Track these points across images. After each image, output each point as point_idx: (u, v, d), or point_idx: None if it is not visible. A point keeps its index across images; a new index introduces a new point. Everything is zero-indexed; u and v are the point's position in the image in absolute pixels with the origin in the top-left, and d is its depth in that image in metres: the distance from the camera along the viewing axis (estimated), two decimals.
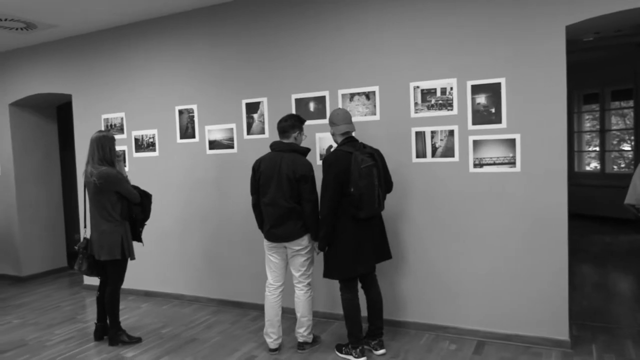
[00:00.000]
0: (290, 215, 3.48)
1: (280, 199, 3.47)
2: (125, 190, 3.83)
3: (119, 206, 3.83)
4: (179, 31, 4.94)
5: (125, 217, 3.88)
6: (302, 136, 3.66)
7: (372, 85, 4.03)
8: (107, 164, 3.81)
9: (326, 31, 4.20)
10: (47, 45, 5.85)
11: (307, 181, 3.45)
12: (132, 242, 3.95)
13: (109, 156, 3.83)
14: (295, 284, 3.63)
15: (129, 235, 3.92)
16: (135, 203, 3.92)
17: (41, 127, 6.64)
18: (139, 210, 3.96)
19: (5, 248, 6.53)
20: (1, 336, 4.35)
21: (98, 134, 3.86)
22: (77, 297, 5.54)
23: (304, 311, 3.62)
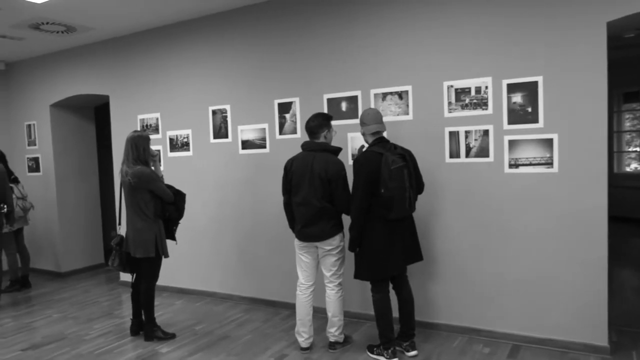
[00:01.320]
0: (322, 215, 3.48)
1: (312, 199, 3.48)
2: (159, 189, 3.88)
3: (152, 205, 3.88)
4: (212, 32, 5.01)
5: (158, 215, 3.93)
6: (332, 133, 3.66)
7: (404, 84, 4.00)
8: (142, 163, 3.87)
9: (359, 31, 4.19)
10: (86, 47, 6.02)
11: (338, 180, 3.45)
12: (165, 240, 4.00)
13: (143, 156, 3.89)
14: (327, 283, 3.64)
15: (163, 234, 3.97)
16: (168, 202, 3.96)
17: (80, 127, 6.85)
18: (173, 209, 3.99)
19: (46, 245, 6.77)
20: (43, 329, 4.51)
21: (133, 133, 3.94)
22: (114, 293, 5.69)
23: (335, 311, 3.63)
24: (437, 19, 3.84)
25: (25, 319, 4.85)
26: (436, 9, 3.84)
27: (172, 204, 3.98)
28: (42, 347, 4.06)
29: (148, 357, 3.77)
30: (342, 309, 3.66)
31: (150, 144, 3.98)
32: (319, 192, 3.46)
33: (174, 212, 4.00)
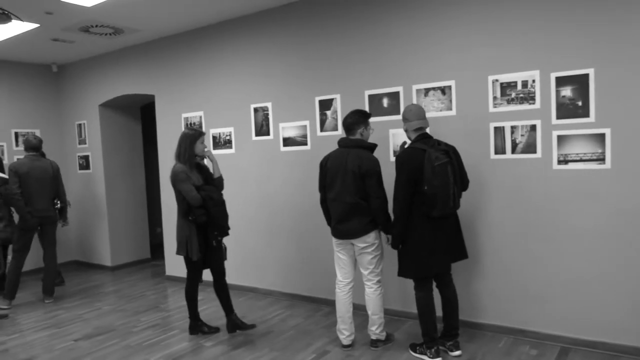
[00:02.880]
0: (356, 212, 3.46)
1: (345, 195, 3.47)
2: (183, 190, 3.79)
3: (183, 205, 3.85)
4: (254, 30, 5.07)
5: (183, 216, 3.86)
6: (369, 130, 3.62)
7: (448, 79, 3.93)
8: (180, 161, 3.86)
9: (401, 26, 4.13)
10: (132, 48, 6.20)
11: (372, 176, 3.42)
12: (196, 243, 3.84)
13: (184, 154, 3.86)
14: (365, 281, 3.62)
15: (194, 236, 3.83)
16: (194, 205, 3.78)
17: (127, 126, 7.07)
18: (200, 213, 3.79)
19: (95, 239, 7.03)
20: (94, 321, 4.69)
21: (182, 131, 3.98)
22: (159, 287, 5.85)
23: (375, 309, 3.60)
24: (481, 11, 3.75)
25: (77, 310, 5.07)
26: (480, 1, 3.75)
27: (201, 208, 3.80)
28: (93, 338, 4.22)
29: (192, 350, 3.86)
30: (382, 306, 3.64)
31: (196, 143, 3.89)
32: (352, 189, 3.45)
33: (201, 217, 3.79)
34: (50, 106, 7.18)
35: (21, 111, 6.83)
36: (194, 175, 3.85)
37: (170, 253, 6.15)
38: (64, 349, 4.01)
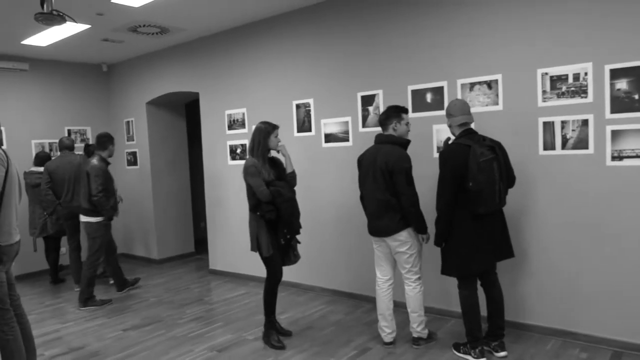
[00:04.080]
0: (387, 209, 3.42)
1: (376, 192, 3.45)
2: (253, 185, 3.66)
3: (252, 200, 3.71)
4: (296, 27, 5.09)
5: (252, 210, 3.74)
6: (404, 125, 3.54)
7: (494, 73, 3.82)
8: (253, 155, 3.72)
9: (447, 20, 4.05)
10: (177, 47, 6.35)
11: (400, 173, 3.36)
12: (266, 239, 3.70)
13: (257, 148, 3.71)
14: (404, 279, 3.58)
15: (263, 231, 3.70)
16: (263, 200, 3.64)
17: (172, 123, 7.26)
18: (268, 209, 3.65)
19: (142, 233, 7.27)
20: (142, 311, 4.85)
21: (256, 124, 3.83)
22: (203, 281, 5.99)
23: (415, 307, 3.56)
24: (528, 3, 3.62)
25: (126, 301, 5.25)
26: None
27: (270, 204, 3.65)
28: (141, 328, 4.36)
29: (235, 343, 3.93)
30: (422, 304, 3.58)
31: (270, 137, 3.72)
32: (381, 185, 3.41)
33: (268, 213, 3.65)
34: (101, 104, 7.45)
35: (74, 109, 7.12)
36: (265, 169, 3.69)
37: (213, 247, 6.28)
38: (114, 338, 4.16)
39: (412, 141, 3.60)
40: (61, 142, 5.82)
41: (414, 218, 3.40)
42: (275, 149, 3.78)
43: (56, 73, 6.91)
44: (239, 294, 5.31)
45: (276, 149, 3.78)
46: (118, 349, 3.90)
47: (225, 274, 6.11)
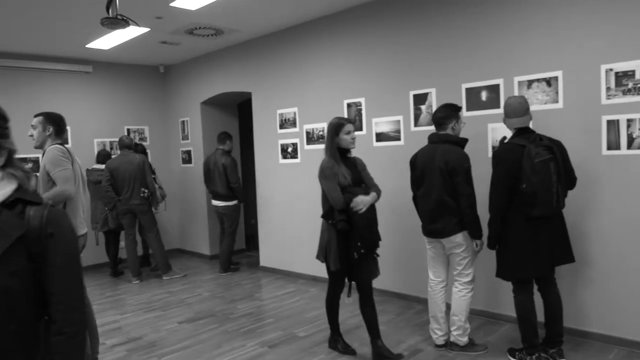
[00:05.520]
0: (444, 210, 3.35)
1: (432, 193, 3.38)
2: (326, 189, 3.28)
3: (325, 205, 3.34)
4: (347, 27, 5.09)
5: (324, 217, 3.37)
6: (460, 125, 3.48)
7: (554, 70, 3.68)
8: (328, 155, 3.37)
9: (503, 16, 3.94)
10: (231, 48, 6.49)
11: (460, 173, 3.28)
12: (336, 252, 3.28)
13: (329, 146, 3.37)
14: (454, 281, 3.51)
15: (333, 241, 3.28)
16: (336, 208, 3.23)
17: (225, 123, 7.42)
18: (340, 218, 3.20)
19: (195, 229, 7.48)
20: (195, 305, 5.00)
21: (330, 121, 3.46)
22: (254, 277, 6.09)
23: (456, 310, 3.45)
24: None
25: (181, 295, 5.42)
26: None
27: (343, 213, 3.22)
28: (195, 322, 4.50)
29: (287, 339, 3.98)
30: (467, 310, 3.45)
31: (339, 134, 3.35)
32: (439, 186, 3.33)
33: (340, 223, 3.21)
34: (158, 104, 7.73)
35: (133, 109, 7.42)
36: (340, 172, 3.29)
37: (264, 244, 6.38)
38: (169, 330, 4.31)
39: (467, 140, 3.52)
40: (121, 140, 6.09)
41: (471, 220, 3.32)
42: (347, 147, 3.39)
43: (117, 75, 7.23)
44: (288, 291, 5.37)
45: (348, 147, 3.40)
46: (174, 341, 4.04)
47: (276, 271, 6.20)
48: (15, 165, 1.29)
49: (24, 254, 1.20)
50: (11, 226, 1.20)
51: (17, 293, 1.18)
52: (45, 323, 1.28)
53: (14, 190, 1.24)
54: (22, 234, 1.20)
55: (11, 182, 1.26)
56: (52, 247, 1.23)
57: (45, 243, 1.23)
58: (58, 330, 1.26)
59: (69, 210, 3.14)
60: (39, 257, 1.22)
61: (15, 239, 1.18)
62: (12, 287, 1.17)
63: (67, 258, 1.28)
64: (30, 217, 1.22)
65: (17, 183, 1.26)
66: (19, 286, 1.19)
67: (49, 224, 1.23)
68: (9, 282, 1.17)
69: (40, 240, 1.22)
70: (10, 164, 1.29)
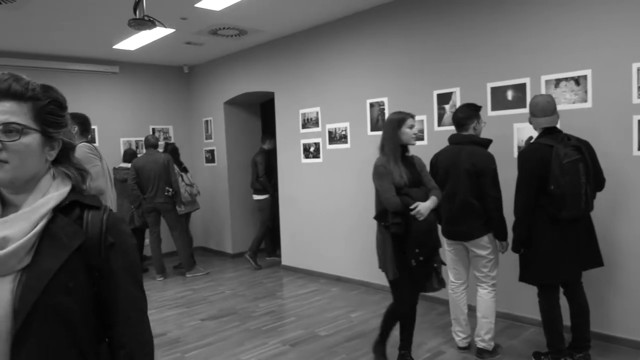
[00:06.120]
0: (470, 212, 3.29)
1: (457, 195, 3.31)
2: (380, 189, 3.01)
3: (379, 206, 3.09)
4: (369, 26, 5.07)
5: (378, 219, 3.11)
6: (481, 125, 3.42)
7: (583, 68, 3.60)
8: (383, 152, 3.11)
9: (530, 14, 3.87)
10: (254, 48, 6.53)
11: (487, 175, 3.22)
12: (392, 258, 3.02)
13: (387, 143, 3.11)
14: (478, 283, 3.44)
15: (389, 247, 3.03)
16: (391, 211, 2.96)
17: (248, 122, 7.48)
18: (395, 221, 2.94)
19: (218, 228, 7.55)
20: (218, 303, 5.05)
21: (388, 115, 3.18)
22: (276, 276, 6.12)
23: (486, 312, 3.38)
24: None
25: (203, 292, 5.48)
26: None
27: (398, 216, 2.95)
28: (218, 319, 4.54)
29: (308, 338, 3.99)
30: (495, 311, 3.41)
31: (402, 128, 3.06)
32: (465, 188, 3.26)
33: (394, 226, 2.95)
34: (182, 104, 7.83)
35: (158, 109, 7.53)
36: (397, 170, 3.03)
37: (286, 243, 6.41)
38: (193, 327, 4.36)
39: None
40: (147, 140, 6.20)
41: (497, 222, 3.27)
42: (409, 144, 3.11)
43: (142, 75, 7.34)
44: (310, 290, 5.38)
45: (410, 143, 3.12)
46: (196, 338, 4.09)
47: (297, 270, 6.22)
48: (71, 161, 1.13)
49: (81, 267, 1.03)
50: (69, 234, 1.03)
51: (75, 313, 1.02)
52: (108, 346, 1.11)
53: (69, 192, 1.08)
54: (81, 243, 1.03)
55: (65, 183, 1.09)
56: (113, 258, 1.07)
57: (106, 254, 1.06)
58: (128, 355, 1.10)
59: None
60: (97, 271, 1.06)
61: (73, 249, 1.02)
62: (70, 305, 1.01)
63: (131, 272, 1.11)
64: (89, 224, 1.06)
65: (72, 184, 1.10)
66: (77, 305, 1.02)
67: (110, 231, 1.07)
68: (67, 300, 1.00)
69: (100, 250, 1.05)
70: (66, 160, 1.12)
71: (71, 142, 1.11)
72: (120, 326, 1.09)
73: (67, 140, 1.10)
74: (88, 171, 1.15)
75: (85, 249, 1.04)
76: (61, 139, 1.09)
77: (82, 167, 1.14)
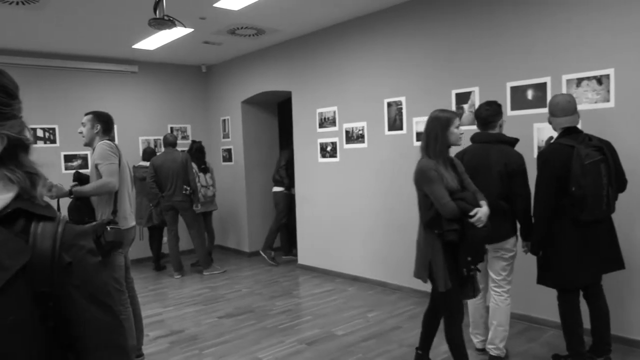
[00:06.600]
0: (497, 214, 3.21)
1: (488, 196, 3.25)
2: (434, 195, 2.75)
3: (429, 214, 2.83)
4: (387, 25, 5.05)
5: (427, 226, 2.86)
6: (503, 123, 3.37)
7: (605, 67, 3.54)
8: (429, 154, 2.87)
9: (551, 13, 3.82)
10: (272, 48, 6.55)
11: (519, 175, 3.16)
12: (444, 269, 2.79)
13: (433, 144, 2.85)
14: (493, 287, 3.33)
15: (439, 255, 2.80)
16: (447, 217, 2.73)
17: (265, 122, 7.51)
18: (451, 228, 2.73)
19: (235, 226, 7.60)
20: (234, 301, 5.08)
21: (431, 113, 2.95)
22: (292, 275, 6.14)
23: (502, 320, 3.29)
24: None
25: (220, 290, 5.53)
26: None
27: (454, 222, 2.74)
28: (234, 317, 4.57)
29: (325, 337, 3.99)
30: (509, 318, 3.35)
31: (450, 128, 2.83)
32: (496, 189, 3.15)
33: (450, 234, 2.73)
34: (200, 103, 7.89)
35: (176, 108, 7.61)
36: (449, 174, 2.86)
37: (302, 242, 6.42)
38: (210, 324, 4.40)
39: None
40: (165, 138, 6.26)
41: (525, 222, 3.20)
42: (456, 144, 2.92)
43: (161, 74, 7.42)
44: (326, 289, 5.39)
45: (457, 144, 2.93)
46: (214, 335, 4.12)
47: (313, 269, 6.23)
48: (20, 162, 0.86)
49: (27, 295, 0.78)
50: (9, 252, 0.78)
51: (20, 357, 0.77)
52: None
53: (12, 199, 0.83)
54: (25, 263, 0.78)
55: (8, 188, 0.84)
56: (71, 283, 0.81)
57: (62, 278, 0.80)
58: None
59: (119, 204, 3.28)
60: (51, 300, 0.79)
61: (15, 272, 0.76)
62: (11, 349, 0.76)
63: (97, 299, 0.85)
64: (38, 238, 0.80)
65: (17, 189, 0.84)
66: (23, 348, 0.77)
67: (66, 248, 0.81)
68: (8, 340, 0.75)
69: (52, 273, 0.80)
70: (12, 161, 0.85)
71: (20, 138, 0.86)
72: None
73: (14, 136, 0.85)
74: (42, 175, 0.89)
75: (32, 271, 0.78)
76: (5, 134, 0.84)
77: (35, 170, 0.88)
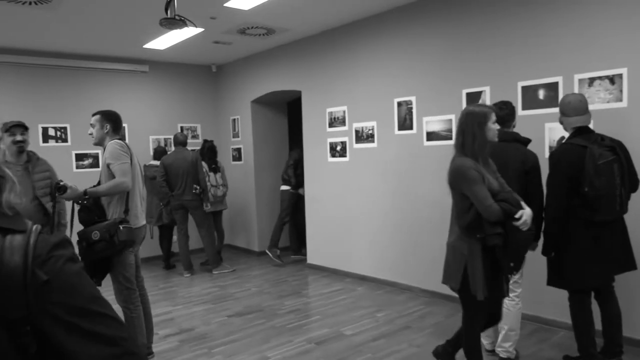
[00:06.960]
0: None
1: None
2: (475, 196, 2.56)
3: (468, 216, 2.62)
4: (397, 25, 5.04)
5: (467, 230, 2.64)
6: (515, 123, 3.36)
7: (618, 66, 3.51)
8: (466, 152, 2.66)
9: (560, 11, 3.79)
10: (281, 47, 6.56)
11: (535, 173, 3.14)
12: (482, 275, 2.59)
13: (470, 142, 2.65)
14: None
15: (478, 260, 2.60)
16: (490, 220, 2.54)
17: (275, 121, 7.53)
18: (495, 232, 2.53)
19: (244, 225, 7.62)
20: (244, 300, 5.10)
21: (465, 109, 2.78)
22: (300, 275, 6.15)
23: (513, 324, 3.27)
24: None
25: (230, 289, 5.54)
26: None
27: (497, 226, 2.55)
28: (244, 316, 4.58)
29: (334, 337, 3.99)
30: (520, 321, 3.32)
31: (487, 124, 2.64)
32: (516, 188, 3.11)
33: (494, 238, 2.53)
34: (210, 103, 7.92)
35: (186, 107, 7.64)
36: (491, 174, 2.69)
37: (311, 242, 6.42)
38: (219, 323, 4.41)
39: None
40: (176, 138, 6.30)
41: (538, 222, 3.12)
42: (493, 140, 2.72)
43: (171, 74, 7.46)
44: (335, 289, 5.38)
45: (495, 141, 2.73)
46: (223, 334, 4.13)
47: (322, 268, 6.23)
48: None
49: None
50: None
51: None
52: None
53: None
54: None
55: None
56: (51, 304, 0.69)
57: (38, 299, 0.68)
58: None
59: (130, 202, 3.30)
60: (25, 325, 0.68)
61: None
62: None
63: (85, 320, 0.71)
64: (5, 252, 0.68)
65: None
66: None
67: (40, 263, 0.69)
68: None
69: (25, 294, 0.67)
70: None
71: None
72: None
73: None
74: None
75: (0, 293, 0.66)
76: None
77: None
